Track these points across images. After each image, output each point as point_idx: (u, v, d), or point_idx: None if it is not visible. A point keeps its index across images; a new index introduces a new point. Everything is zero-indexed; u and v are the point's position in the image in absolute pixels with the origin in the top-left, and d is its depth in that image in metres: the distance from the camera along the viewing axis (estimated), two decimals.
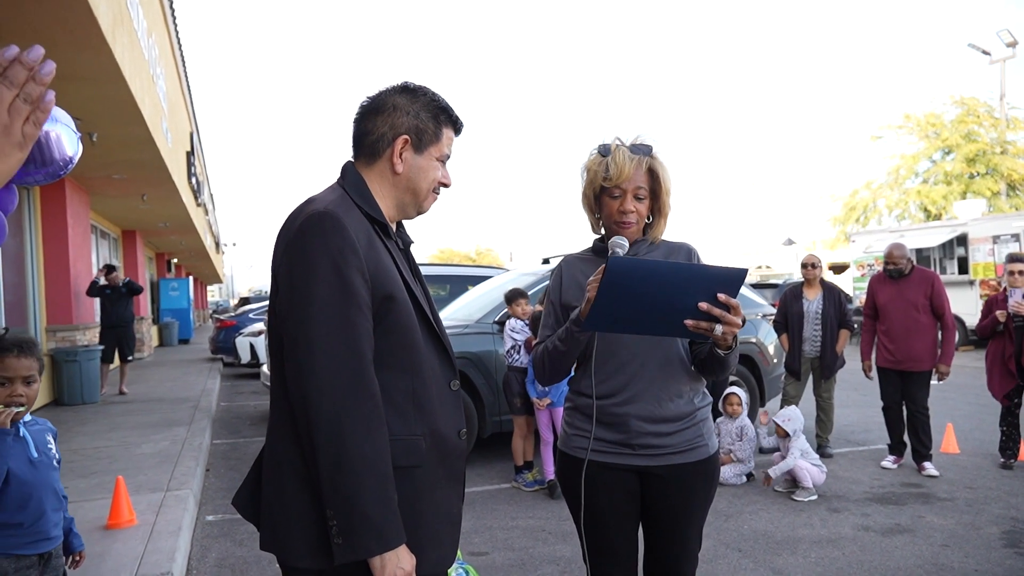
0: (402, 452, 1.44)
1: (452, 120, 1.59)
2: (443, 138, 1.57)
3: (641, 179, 1.94)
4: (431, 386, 1.50)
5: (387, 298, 1.44)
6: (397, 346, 1.46)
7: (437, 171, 1.58)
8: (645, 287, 1.68)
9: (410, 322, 1.48)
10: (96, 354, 9.18)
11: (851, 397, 9.08)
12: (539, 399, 5.06)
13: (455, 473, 1.57)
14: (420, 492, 1.47)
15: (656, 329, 1.82)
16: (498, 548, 4.08)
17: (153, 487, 4.88)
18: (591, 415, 1.96)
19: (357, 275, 1.39)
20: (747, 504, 4.83)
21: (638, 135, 1.99)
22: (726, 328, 1.72)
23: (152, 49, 7.83)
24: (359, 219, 1.46)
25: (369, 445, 1.34)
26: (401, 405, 1.46)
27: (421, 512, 1.47)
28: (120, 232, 16.28)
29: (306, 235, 1.39)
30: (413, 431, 1.47)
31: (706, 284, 1.70)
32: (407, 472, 1.45)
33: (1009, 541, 4.04)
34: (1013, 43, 21.02)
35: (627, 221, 1.94)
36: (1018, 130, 23.92)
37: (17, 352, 2.14)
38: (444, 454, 1.52)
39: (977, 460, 5.85)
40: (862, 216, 26.90)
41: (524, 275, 7.00)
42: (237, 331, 14.09)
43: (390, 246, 1.52)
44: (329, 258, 1.37)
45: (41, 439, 2.22)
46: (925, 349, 5.55)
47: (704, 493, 1.99)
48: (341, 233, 1.39)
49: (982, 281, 14.87)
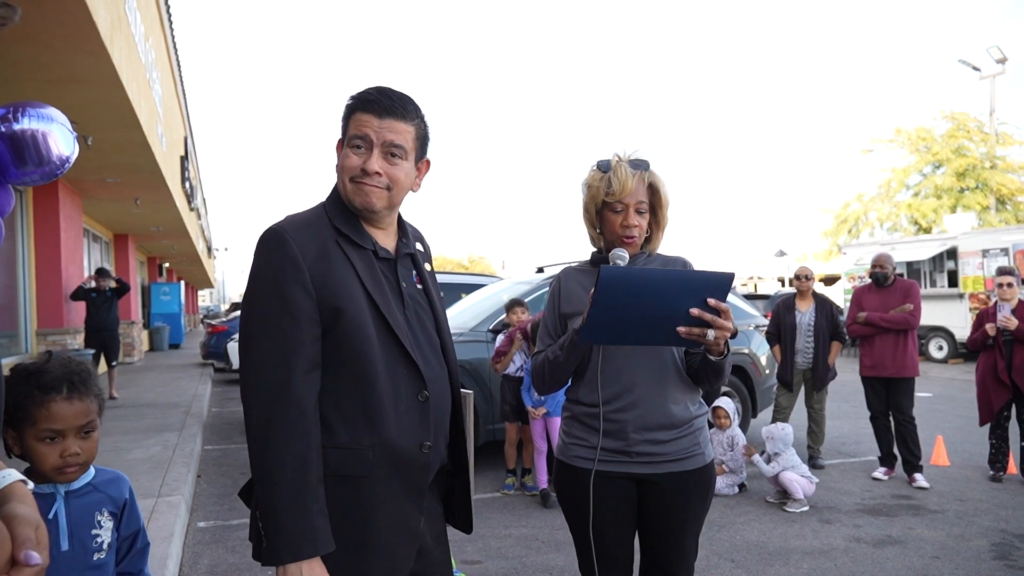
0: (346, 461, 1.46)
1: (355, 99, 1.54)
2: (350, 121, 1.53)
3: (642, 193, 1.97)
4: (385, 397, 1.48)
5: (334, 310, 1.45)
6: (348, 356, 1.47)
7: (347, 158, 1.52)
8: (637, 296, 1.70)
9: (362, 333, 1.47)
10: (87, 358, 9.12)
11: (842, 409, 9.13)
12: (535, 408, 5.08)
13: (414, 485, 1.52)
14: (368, 502, 1.47)
15: (651, 339, 1.84)
16: (491, 557, 4.08)
17: (144, 493, 4.85)
18: (589, 424, 1.97)
19: (297, 288, 1.43)
20: (739, 515, 4.84)
21: (635, 150, 2.02)
22: (718, 333, 1.74)
23: (149, 53, 7.84)
24: (317, 232, 1.50)
25: (289, 454, 1.37)
26: (348, 414, 1.47)
27: (368, 522, 1.47)
28: (112, 236, 16.21)
29: (256, 252, 1.49)
30: (360, 441, 1.47)
31: (696, 290, 1.72)
32: (352, 481, 1.46)
33: (999, 553, 4.06)
34: (1003, 59, 21.27)
35: (630, 235, 1.97)
36: (1008, 145, 24.17)
37: (68, 392, 1.49)
38: (398, 466, 1.49)
39: (967, 472, 5.89)
40: (853, 228, 27.10)
41: (519, 284, 7.02)
42: (228, 336, 14.02)
43: (357, 256, 1.52)
44: (270, 273, 1.45)
45: (86, 518, 1.53)
46: (907, 356, 5.68)
47: (701, 502, 2.00)
48: (282, 249, 1.45)
49: (971, 294, 14.98)
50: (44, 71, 5.70)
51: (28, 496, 0.86)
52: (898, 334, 5.70)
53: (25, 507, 0.82)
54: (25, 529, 0.77)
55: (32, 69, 5.65)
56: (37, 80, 5.87)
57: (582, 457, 1.99)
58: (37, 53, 5.31)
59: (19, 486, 0.87)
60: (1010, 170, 23.94)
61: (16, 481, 0.87)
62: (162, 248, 21.45)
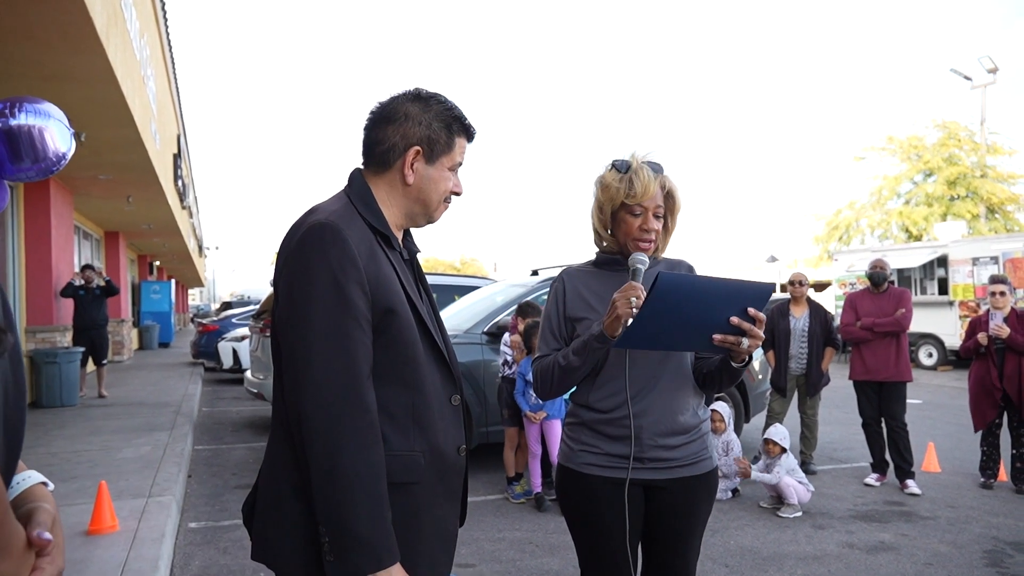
0: (400, 468, 1.41)
1: (465, 128, 1.55)
2: (455, 147, 1.54)
3: (660, 198, 1.95)
4: (432, 401, 1.47)
5: (388, 312, 1.41)
6: (397, 360, 1.43)
7: (448, 181, 1.54)
8: (686, 303, 1.72)
9: (411, 336, 1.45)
10: (76, 356, 9.05)
11: (834, 415, 9.16)
12: (533, 412, 5.07)
13: (453, 490, 1.54)
14: (418, 509, 1.45)
15: (684, 344, 1.86)
16: (485, 560, 4.06)
17: (135, 493, 4.81)
18: (600, 430, 1.94)
19: (356, 288, 1.36)
20: (733, 520, 4.85)
21: (648, 152, 1.98)
22: (751, 342, 1.76)
23: (144, 50, 7.79)
24: (361, 230, 1.44)
25: (362, 461, 1.31)
26: (400, 420, 1.43)
27: (418, 530, 1.44)
28: (103, 233, 16.11)
29: (306, 247, 1.38)
30: (412, 447, 1.44)
31: (738, 299, 1.75)
32: (405, 488, 1.42)
33: (991, 560, 4.08)
34: (994, 69, 21.42)
35: (648, 239, 1.94)
36: (998, 155, 24.35)
37: None
38: (443, 471, 1.49)
39: (958, 479, 5.92)
40: (844, 235, 27.22)
41: (513, 286, 7.01)
42: (219, 336, 13.96)
43: (393, 257, 1.48)
44: (328, 270, 1.35)
45: None
46: (901, 360, 5.73)
47: (706, 507, 2.00)
48: (341, 245, 1.37)
49: (961, 302, 15.08)
50: (38, 68, 5.66)
51: (49, 498, 0.86)
52: (893, 339, 5.74)
53: (46, 505, 0.82)
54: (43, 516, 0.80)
55: (26, 66, 5.61)
56: (30, 77, 5.82)
57: (592, 464, 1.95)
58: (32, 50, 5.27)
59: (40, 488, 0.87)
60: (1000, 179, 24.12)
61: (38, 483, 0.87)
62: (153, 246, 21.32)
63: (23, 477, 0.86)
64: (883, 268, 6.03)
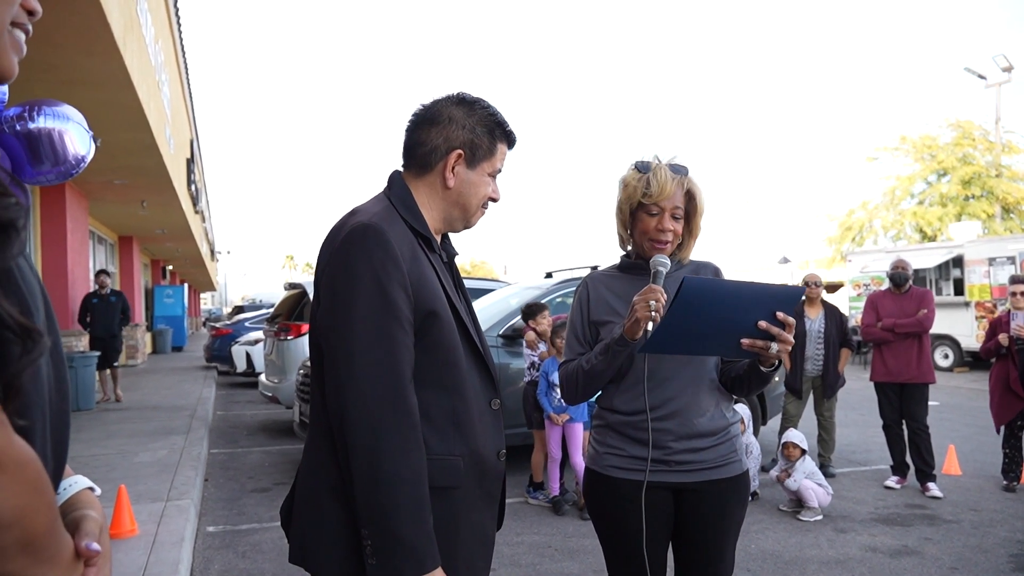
0: (440, 472, 1.40)
1: (507, 135, 1.56)
2: (497, 153, 1.54)
3: (679, 199, 1.93)
4: (472, 405, 1.46)
5: (430, 314, 1.40)
6: (438, 363, 1.42)
7: (488, 186, 1.54)
8: (713, 308, 1.69)
9: (452, 339, 1.44)
10: (92, 360, 9.10)
11: (851, 416, 9.08)
12: (556, 414, 5.03)
13: (492, 494, 1.53)
14: (457, 514, 1.43)
15: (711, 350, 1.83)
16: (504, 564, 4.04)
17: (153, 496, 4.82)
18: (626, 433, 1.93)
19: (399, 290, 1.35)
20: (753, 523, 4.80)
21: (674, 155, 1.99)
22: (781, 346, 1.73)
23: (158, 55, 7.83)
24: (403, 232, 1.43)
25: (405, 465, 1.30)
26: (440, 424, 1.42)
27: (456, 534, 1.43)
28: (117, 238, 16.21)
29: (350, 248, 1.37)
30: (452, 451, 1.43)
31: (767, 303, 1.71)
32: (444, 493, 1.41)
33: (1017, 565, 4.02)
34: (1009, 68, 21.22)
35: (663, 240, 1.93)
36: (1013, 154, 24.09)
37: None
38: (482, 475, 1.48)
39: (979, 482, 5.85)
40: (858, 236, 27.02)
41: (527, 288, 6.99)
42: (233, 340, 14.02)
43: (434, 260, 1.48)
44: (372, 272, 1.34)
45: None
46: (924, 362, 5.67)
47: (738, 511, 1.97)
48: (384, 247, 1.36)
49: (978, 303, 14.93)
50: (54, 72, 5.68)
51: (96, 504, 0.84)
52: (915, 340, 5.68)
53: (93, 513, 0.81)
54: (91, 525, 0.78)
55: (42, 70, 5.63)
56: (46, 81, 5.85)
57: (617, 467, 1.94)
58: (48, 54, 5.30)
59: (87, 494, 0.85)
60: (1016, 178, 23.85)
61: (84, 489, 0.85)
62: (166, 251, 21.45)
63: (70, 482, 0.85)
64: (905, 268, 5.97)
